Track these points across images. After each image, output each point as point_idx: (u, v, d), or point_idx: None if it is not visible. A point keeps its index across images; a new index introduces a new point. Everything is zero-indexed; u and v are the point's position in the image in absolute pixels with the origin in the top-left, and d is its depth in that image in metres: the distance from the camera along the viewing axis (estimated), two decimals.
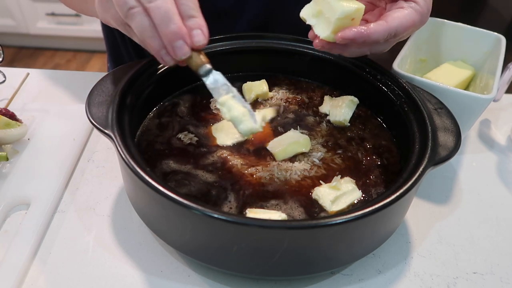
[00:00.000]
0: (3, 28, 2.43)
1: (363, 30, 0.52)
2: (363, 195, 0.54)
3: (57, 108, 0.75)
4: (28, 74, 0.79)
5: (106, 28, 0.92)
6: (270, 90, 0.70)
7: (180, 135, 0.61)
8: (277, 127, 0.64)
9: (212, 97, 0.68)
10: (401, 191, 0.46)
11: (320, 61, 0.69)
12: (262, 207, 0.52)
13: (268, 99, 0.69)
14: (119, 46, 0.92)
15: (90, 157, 0.68)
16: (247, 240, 0.45)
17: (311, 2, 0.56)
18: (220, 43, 0.69)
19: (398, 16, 0.54)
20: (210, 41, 0.68)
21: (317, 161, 0.58)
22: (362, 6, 0.53)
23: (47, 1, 2.32)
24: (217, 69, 0.72)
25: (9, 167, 0.64)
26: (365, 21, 0.59)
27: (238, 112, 0.50)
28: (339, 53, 0.57)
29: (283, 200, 0.53)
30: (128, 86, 0.57)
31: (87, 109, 0.53)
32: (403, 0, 0.55)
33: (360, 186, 0.55)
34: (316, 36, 0.55)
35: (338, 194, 0.53)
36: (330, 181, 0.55)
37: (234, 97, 0.51)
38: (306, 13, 0.57)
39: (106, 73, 0.61)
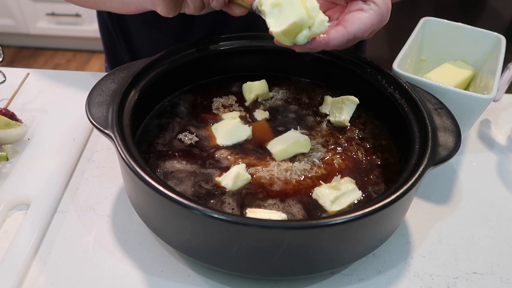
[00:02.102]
0: (3, 28, 2.43)
1: (321, 40, 0.51)
2: (363, 195, 0.54)
3: (57, 108, 0.75)
4: (28, 74, 0.79)
5: (103, 28, 0.92)
6: (270, 90, 0.70)
7: (180, 136, 0.61)
8: (277, 127, 0.64)
9: (214, 97, 0.69)
10: (401, 191, 0.46)
11: (320, 61, 0.69)
12: (262, 207, 0.52)
13: (268, 99, 0.69)
14: (116, 46, 0.92)
15: (90, 157, 0.68)
16: (247, 240, 0.45)
17: None
18: (220, 43, 0.69)
19: (356, 20, 0.53)
20: (211, 41, 0.68)
21: (317, 161, 0.58)
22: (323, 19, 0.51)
23: (47, 1, 2.32)
24: (218, 69, 0.72)
25: (9, 167, 0.64)
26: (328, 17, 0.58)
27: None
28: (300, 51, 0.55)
29: (283, 200, 0.53)
30: (128, 86, 0.57)
31: (87, 109, 0.53)
32: (361, 1, 0.54)
33: (360, 186, 0.55)
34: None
35: (338, 194, 0.53)
36: (330, 181, 0.55)
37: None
38: None
39: (106, 73, 0.61)
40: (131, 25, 0.87)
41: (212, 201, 0.52)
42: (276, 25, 0.51)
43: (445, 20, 0.79)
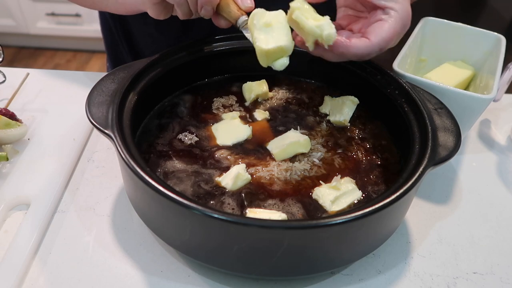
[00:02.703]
0: (3, 28, 2.43)
1: (342, 42, 0.52)
2: (363, 195, 0.54)
3: (57, 108, 0.75)
4: (28, 74, 0.79)
5: (105, 28, 0.92)
6: (270, 90, 0.70)
7: (180, 136, 0.61)
8: (277, 127, 0.64)
9: (214, 97, 0.69)
10: (401, 191, 0.46)
11: (320, 61, 0.68)
12: (262, 207, 0.52)
13: (268, 99, 0.69)
14: (118, 46, 0.92)
15: (90, 157, 0.68)
16: (247, 240, 0.45)
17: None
18: (220, 43, 0.69)
19: (378, 31, 0.53)
20: (211, 41, 0.68)
21: (317, 161, 0.58)
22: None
23: (47, 1, 2.32)
24: (218, 69, 0.72)
25: (9, 167, 0.64)
26: (350, 30, 0.59)
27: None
28: (319, 55, 0.56)
29: (283, 200, 0.53)
30: (128, 86, 0.57)
31: (87, 109, 0.53)
32: (380, 10, 0.55)
33: (360, 186, 0.55)
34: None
35: (338, 194, 0.53)
36: (330, 181, 0.55)
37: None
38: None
39: (106, 73, 0.61)
40: (133, 25, 0.87)
41: (212, 202, 0.52)
42: (263, 42, 0.53)
43: (445, 20, 0.79)
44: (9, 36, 2.51)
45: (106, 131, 0.51)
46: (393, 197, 0.45)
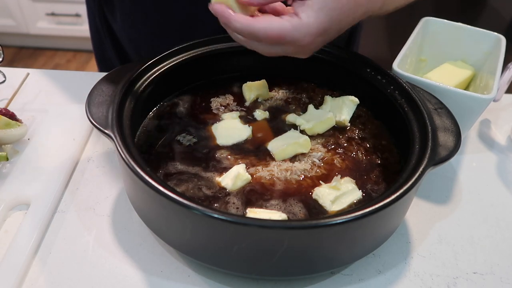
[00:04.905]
0: (3, 28, 2.43)
1: (228, 12, 0.50)
2: (363, 195, 0.54)
3: (57, 108, 0.75)
4: (28, 74, 0.79)
5: (93, 27, 0.92)
6: (270, 90, 0.70)
7: (180, 136, 0.61)
8: (277, 126, 0.64)
9: (212, 97, 0.69)
10: (401, 191, 0.46)
11: (320, 61, 0.69)
12: (262, 207, 0.52)
13: (268, 99, 0.69)
14: (104, 45, 0.92)
15: (90, 157, 0.68)
16: (247, 240, 0.45)
17: None
18: (220, 43, 0.69)
19: (268, 20, 0.49)
20: (211, 41, 0.68)
21: (317, 161, 0.58)
22: None
23: (47, 1, 2.32)
24: (217, 69, 0.72)
25: (9, 167, 0.64)
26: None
27: None
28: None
29: (283, 200, 0.53)
30: (128, 86, 0.58)
31: (87, 109, 0.53)
32: (296, 6, 0.50)
33: (360, 186, 0.55)
34: None
35: (338, 194, 0.53)
36: (330, 181, 0.55)
37: None
38: None
39: (106, 73, 0.61)
40: (116, 30, 0.87)
41: (211, 202, 0.52)
42: None
43: (445, 20, 0.79)
44: (9, 36, 2.51)
45: (106, 131, 0.51)
46: (393, 197, 0.46)
